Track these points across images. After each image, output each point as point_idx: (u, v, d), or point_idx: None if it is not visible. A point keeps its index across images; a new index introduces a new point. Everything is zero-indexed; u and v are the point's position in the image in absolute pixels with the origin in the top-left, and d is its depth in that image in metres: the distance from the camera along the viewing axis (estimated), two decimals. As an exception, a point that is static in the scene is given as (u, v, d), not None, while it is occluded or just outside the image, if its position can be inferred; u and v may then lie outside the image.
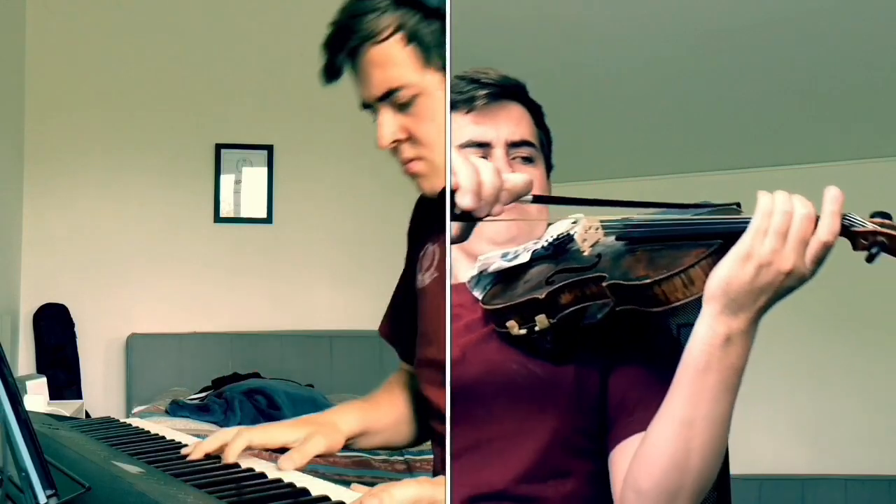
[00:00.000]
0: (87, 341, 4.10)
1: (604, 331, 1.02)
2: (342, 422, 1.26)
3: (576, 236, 1.10)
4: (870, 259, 0.87)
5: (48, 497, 0.70)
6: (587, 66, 3.85)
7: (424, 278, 1.28)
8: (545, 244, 1.11)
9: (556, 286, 1.02)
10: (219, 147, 4.28)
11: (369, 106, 1.14)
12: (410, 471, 2.67)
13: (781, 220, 0.87)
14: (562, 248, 1.10)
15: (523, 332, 1.05)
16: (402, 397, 1.37)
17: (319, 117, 4.36)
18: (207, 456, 1.13)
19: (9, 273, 3.91)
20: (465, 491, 1.04)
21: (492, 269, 1.13)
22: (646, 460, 0.96)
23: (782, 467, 4.09)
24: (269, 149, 4.33)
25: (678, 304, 0.92)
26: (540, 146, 1.22)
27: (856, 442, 3.98)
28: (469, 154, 1.11)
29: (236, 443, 1.11)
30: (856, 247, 0.87)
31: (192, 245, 4.27)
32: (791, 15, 3.29)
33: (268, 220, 4.34)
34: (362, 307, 4.24)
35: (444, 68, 1.06)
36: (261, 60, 4.33)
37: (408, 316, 1.32)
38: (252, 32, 4.31)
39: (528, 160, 1.18)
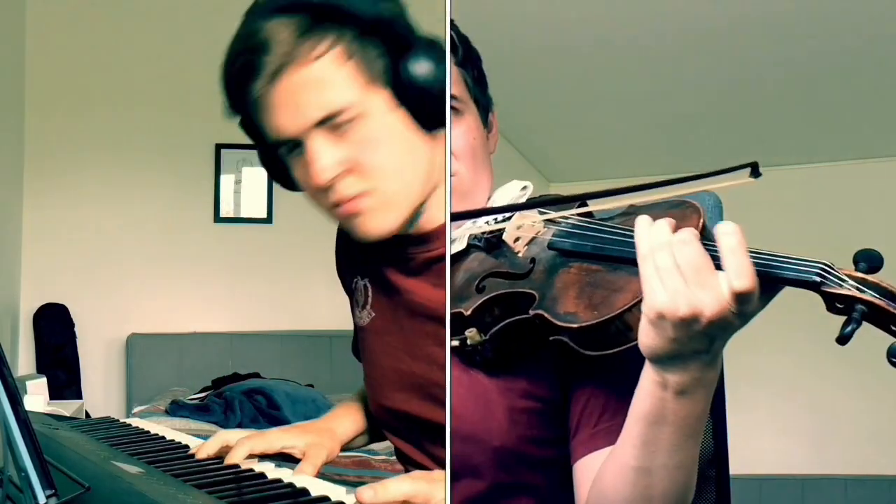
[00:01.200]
0: (87, 341, 4.10)
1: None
2: (339, 427, 1.26)
3: (506, 234, 0.94)
4: (841, 340, 0.69)
5: (48, 497, 0.70)
6: (586, 66, 3.85)
7: (362, 316, 1.18)
8: (479, 233, 0.96)
9: (484, 298, 0.89)
10: (219, 147, 4.28)
11: (285, 143, 0.97)
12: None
13: (666, 261, 0.73)
14: (496, 240, 0.95)
15: (455, 343, 0.91)
16: None
17: (319, 117, 4.36)
18: (209, 459, 1.13)
19: (9, 273, 3.91)
20: None
21: None
22: (605, 500, 0.86)
23: (782, 467, 4.09)
24: (269, 149, 4.33)
25: (612, 352, 0.81)
26: (468, 89, 1.04)
27: (856, 442, 3.98)
28: None
29: (238, 451, 1.11)
30: (830, 309, 0.72)
31: (192, 245, 4.27)
32: (791, 14, 3.29)
33: (268, 220, 4.34)
34: (362, 307, 4.23)
35: (389, 84, 0.92)
36: (261, 60, 4.32)
37: None
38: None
39: (453, 113, 1.01)
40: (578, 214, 0.90)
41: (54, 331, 4.01)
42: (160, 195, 4.25)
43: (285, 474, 1.02)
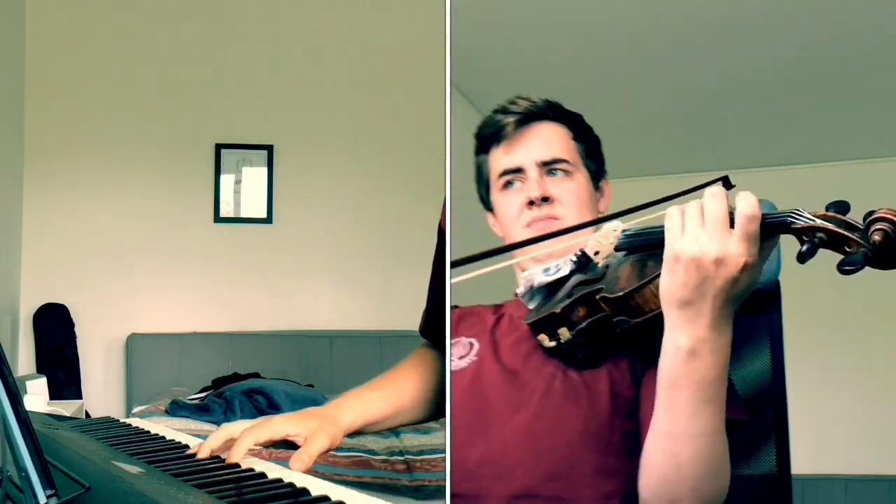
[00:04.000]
0: (87, 341, 4.10)
1: (634, 335, 1.03)
2: (344, 416, 1.26)
3: (587, 247, 1.14)
4: (800, 258, 0.82)
5: (48, 497, 0.70)
6: (588, 65, 3.85)
7: None
8: (574, 258, 1.16)
9: (570, 300, 1.08)
10: (219, 147, 4.28)
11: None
12: (410, 471, 2.66)
13: (693, 209, 0.87)
14: (585, 259, 1.15)
15: (553, 344, 1.10)
16: (426, 377, 1.35)
17: (319, 117, 4.36)
18: (213, 455, 1.13)
19: (9, 273, 3.91)
20: (501, 489, 1.04)
21: (535, 284, 1.19)
22: (644, 470, 0.96)
23: (782, 467, 4.08)
24: (269, 149, 4.33)
25: (652, 314, 0.94)
26: (580, 158, 1.27)
27: (856, 442, 3.98)
28: (505, 180, 1.22)
29: (241, 444, 1.11)
30: (801, 244, 0.84)
31: (192, 245, 4.27)
32: (792, 14, 3.29)
33: (268, 220, 4.34)
34: (362, 307, 4.23)
35: None
36: (261, 60, 4.33)
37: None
38: (252, 32, 4.31)
39: (564, 174, 1.24)
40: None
41: (54, 331, 4.01)
42: (160, 195, 4.25)
43: (285, 474, 1.02)
